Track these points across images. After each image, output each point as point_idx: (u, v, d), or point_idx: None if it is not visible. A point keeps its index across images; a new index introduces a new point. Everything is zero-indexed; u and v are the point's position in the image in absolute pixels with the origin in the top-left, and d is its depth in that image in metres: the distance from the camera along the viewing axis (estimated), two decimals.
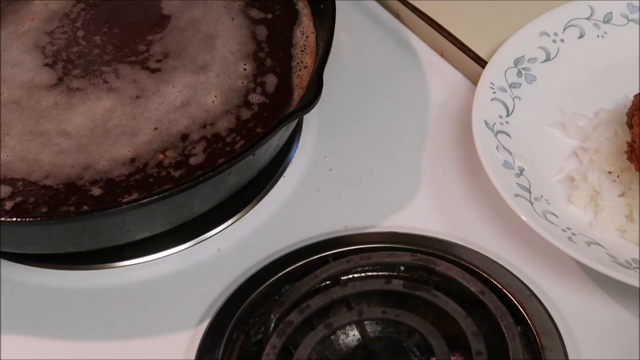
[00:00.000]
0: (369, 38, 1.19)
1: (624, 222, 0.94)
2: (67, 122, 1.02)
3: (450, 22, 1.14)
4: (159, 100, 1.03)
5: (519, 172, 0.97)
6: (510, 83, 1.04)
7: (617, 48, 1.08)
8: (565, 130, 1.03)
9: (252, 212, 1.03)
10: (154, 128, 1.01)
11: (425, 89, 1.12)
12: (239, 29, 1.09)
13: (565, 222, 0.94)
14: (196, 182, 0.89)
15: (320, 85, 0.94)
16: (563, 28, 1.09)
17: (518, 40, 1.07)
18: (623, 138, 0.98)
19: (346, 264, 0.94)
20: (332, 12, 1.02)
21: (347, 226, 1.01)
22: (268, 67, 1.05)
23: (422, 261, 0.93)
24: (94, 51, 1.09)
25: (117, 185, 0.97)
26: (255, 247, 1.00)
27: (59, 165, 0.99)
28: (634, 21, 1.09)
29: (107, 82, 1.06)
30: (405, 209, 1.02)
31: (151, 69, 1.06)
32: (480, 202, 1.01)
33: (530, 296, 0.92)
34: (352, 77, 1.14)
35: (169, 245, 1.01)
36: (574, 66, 1.07)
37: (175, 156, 0.98)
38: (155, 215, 0.95)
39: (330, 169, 1.06)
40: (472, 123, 1.00)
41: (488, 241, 0.97)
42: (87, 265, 1.00)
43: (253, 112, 1.02)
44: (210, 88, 1.04)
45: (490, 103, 1.02)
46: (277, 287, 0.95)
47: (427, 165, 1.05)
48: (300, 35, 1.08)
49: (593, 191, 0.96)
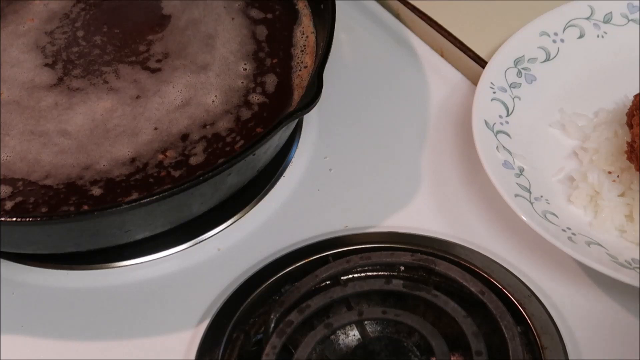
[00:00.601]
0: (369, 38, 1.19)
1: (624, 222, 0.94)
2: (67, 122, 1.02)
3: (450, 22, 1.14)
4: (159, 100, 1.03)
5: (519, 172, 0.97)
6: (510, 83, 1.04)
7: (617, 48, 1.08)
8: (565, 130, 1.03)
9: (252, 212, 1.03)
10: (154, 128, 1.01)
11: (425, 89, 1.12)
12: (239, 29, 1.09)
13: (565, 222, 0.94)
14: (196, 182, 0.89)
15: (320, 85, 0.94)
16: (563, 28, 1.08)
17: (518, 40, 1.07)
18: (623, 138, 0.98)
19: (346, 264, 0.94)
20: (332, 12, 1.02)
21: (347, 226, 1.01)
22: (268, 67, 1.05)
23: (422, 261, 0.93)
24: (94, 51, 1.09)
25: (117, 185, 0.97)
26: (255, 247, 1.00)
27: (59, 165, 0.99)
28: (634, 21, 1.09)
29: (107, 82, 1.06)
30: (405, 208, 1.02)
31: (151, 69, 1.06)
32: (480, 202, 1.01)
33: (530, 296, 0.92)
34: (352, 77, 1.14)
35: (169, 245, 1.01)
36: (574, 66, 1.07)
37: (176, 156, 0.98)
38: (155, 215, 0.94)
39: (330, 169, 1.06)
40: (472, 123, 1.00)
41: (488, 241, 0.97)
42: (87, 265, 1.00)
43: (253, 112, 1.02)
44: (210, 88, 1.04)
45: (490, 103, 1.02)
46: (277, 287, 0.95)
47: (427, 165, 1.05)
48: (300, 35, 1.08)
49: (593, 191, 0.96)
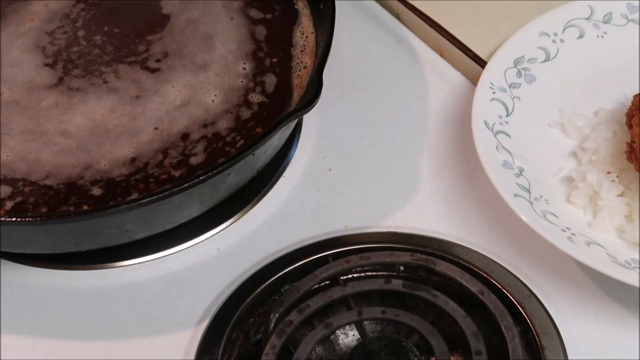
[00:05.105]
0: (368, 38, 1.19)
1: (623, 222, 0.94)
2: (67, 122, 1.02)
3: (449, 22, 1.14)
4: (159, 100, 1.03)
5: (518, 172, 0.97)
6: (509, 83, 1.04)
7: (616, 48, 1.08)
8: (564, 130, 1.03)
9: (252, 212, 1.03)
10: (155, 128, 1.01)
11: (425, 89, 1.12)
12: (238, 29, 1.09)
13: (565, 222, 0.94)
14: (196, 182, 0.89)
15: (320, 85, 0.94)
16: (563, 28, 1.08)
17: (518, 40, 1.07)
18: (622, 138, 0.98)
19: (346, 264, 0.94)
20: (331, 12, 1.02)
21: (346, 226, 1.01)
22: (267, 67, 1.05)
23: (421, 261, 0.93)
24: (94, 51, 1.09)
25: (118, 185, 0.97)
26: (255, 246, 1.00)
27: (60, 165, 0.99)
28: (633, 21, 1.09)
29: (107, 82, 1.06)
30: (404, 208, 1.02)
31: (151, 69, 1.06)
32: (480, 202, 1.01)
33: (530, 296, 0.92)
34: (352, 77, 1.14)
35: (169, 245, 1.01)
36: (573, 66, 1.07)
37: (176, 156, 0.99)
38: (155, 215, 0.95)
39: (330, 168, 1.06)
40: (472, 123, 1.00)
41: (487, 241, 0.97)
42: (87, 265, 1.00)
43: (253, 111, 1.02)
44: (209, 87, 1.04)
45: (489, 103, 1.02)
46: (277, 286, 0.95)
47: (427, 165, 1.05)
48: (300, 35, 1.08)
49: (592, 191, 0.96)
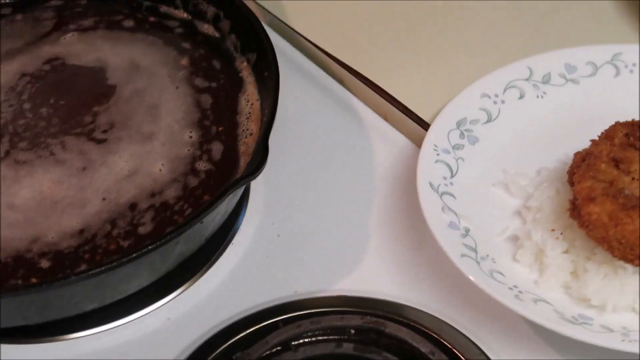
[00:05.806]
0: (313, 104, 1.20)
1: (569, 279, 0.95)
2: (14, 195, 1.02)
3: (393, 86, 1.15)
4: (106, 171, 1.03)
5: (464, 232, 0.98)
6: (453, 145, 1.05)
7: (556, 107, 1.10)
8: (508, 189, 1.04)
9: (201, 280, 1.03)
10: (102, 198, 1.01)
11: (371, 153, 1.13)
12: (183, 98, 1.10)
13: (512, 281, 0.95)
14: (144, 252, 0.89)
15: (266, 151, 0.94)
16: (503, 89, 1.10)
17: (459, 102, 1.08)
18: (565, 196, 0.99)
19: (297, 329, 0.94)
20: (275, 79, 1.03)
21: (296, 291, 1.01)
22: (214, 135, 1.06)
23: (371, 323, 0.94)
24: (40, 123, 1.09)
25: (66, 257, 0.96)
26: (205, 315, 0.99)
27: (7, 239, 0.98)
28: (572, 81, 1.11)
29: (54, 154, 1.06)
30: (354, 271, 1.02)
31: (97, 140, 1.06)
32: (428, 262, 1.02)
33: (480, 354, 0.93)
34: (298, 142, 1.15)
35: (120, 315, 1.00)
36: (515, 126, 1.09)
37: (124, 226, 0.98)
38: (105, 286, 0.94)
39: (279, 234, 1.07)
40: (417, 185, 1.00)
41: (437, 301, 0.98)
42: (36, 339, 0.99)
43: (200, 179, 1.02)
44: (156, 157, 1.04)
45: (434, 165, 1.03)
46: (228, 354, 0.95)
47: (375, 228, 1.06)
48: (245, 103, 1.08)
49: (537, 249, 0.97)
